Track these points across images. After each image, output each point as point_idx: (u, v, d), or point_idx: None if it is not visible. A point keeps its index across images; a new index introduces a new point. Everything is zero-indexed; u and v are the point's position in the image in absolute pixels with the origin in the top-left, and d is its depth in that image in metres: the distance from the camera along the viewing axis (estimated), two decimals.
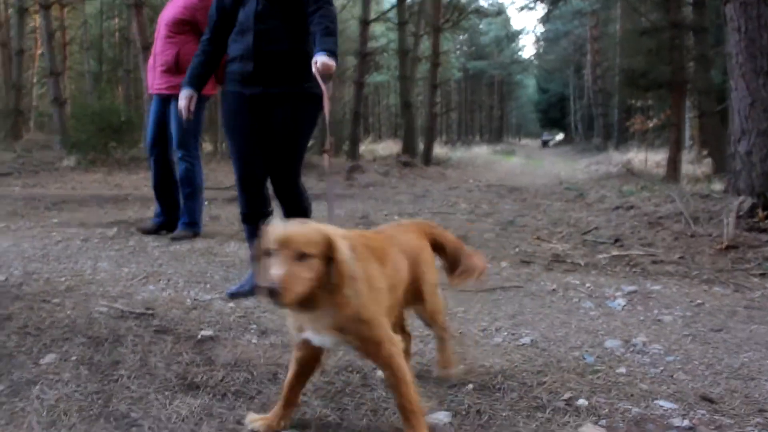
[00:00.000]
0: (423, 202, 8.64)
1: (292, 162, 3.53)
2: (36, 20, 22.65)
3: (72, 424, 2.14)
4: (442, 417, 2.18)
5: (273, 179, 3.58)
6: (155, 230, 5.54)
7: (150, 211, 6.73)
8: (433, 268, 2.40)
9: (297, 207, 3.55)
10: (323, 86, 3.10)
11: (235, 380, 2.45)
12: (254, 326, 3.06)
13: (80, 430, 2.09)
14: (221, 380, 2.46)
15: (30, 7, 20.63)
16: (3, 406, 2.25)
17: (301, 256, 1.75)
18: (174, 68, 5.09)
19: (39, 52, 26.28)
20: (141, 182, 10.74)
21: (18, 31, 20.30)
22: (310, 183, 12.08)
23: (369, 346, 1.97)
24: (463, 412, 2.23)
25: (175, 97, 5.09)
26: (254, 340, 2.88)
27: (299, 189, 3.60)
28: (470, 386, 2.44)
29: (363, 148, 19.60)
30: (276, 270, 1.72)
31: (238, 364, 2.59)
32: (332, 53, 3.12)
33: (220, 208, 6.77)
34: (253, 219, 3.55)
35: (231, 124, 3.56)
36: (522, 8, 41.01)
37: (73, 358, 2.69)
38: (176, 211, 5.57)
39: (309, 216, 3.48)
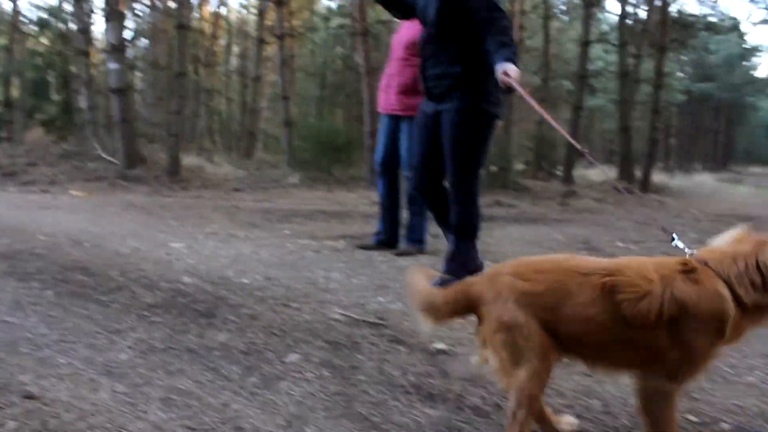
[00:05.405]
0: (647, 230, 8.15)
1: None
2: (268, 50, 24.62)
3: (317, 419, 2.25)
4: None
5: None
6: (375, 247, 5.67)
7: (370, 228, 6.99)
8: None
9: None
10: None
11: (472, 395, 2.43)
12: None
13: (326, 427, 2.19)
14: (458, 394, 2.45)
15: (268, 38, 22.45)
16: (256, 396, 2.42)
17: None
18: (411, 89, 5.13)
19: (268, 79, 28.67)
20: (359, 200, 11.23)
21: (256, 60, 22.20)
22: (523, 207, 12.06)
23: None
24: None
25: (409, 118, 5.24)
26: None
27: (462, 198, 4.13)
28: (725, 426, 2.23)
29: (575, 173, 18.90)
30: None
31: (474, 380, 2.58)
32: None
33: (437, 227, 6.83)
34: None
35: None
36: (760, 22, 37.94)
37: (315, 359, 2.83)
38: (396, 230, 5.70)
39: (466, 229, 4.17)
